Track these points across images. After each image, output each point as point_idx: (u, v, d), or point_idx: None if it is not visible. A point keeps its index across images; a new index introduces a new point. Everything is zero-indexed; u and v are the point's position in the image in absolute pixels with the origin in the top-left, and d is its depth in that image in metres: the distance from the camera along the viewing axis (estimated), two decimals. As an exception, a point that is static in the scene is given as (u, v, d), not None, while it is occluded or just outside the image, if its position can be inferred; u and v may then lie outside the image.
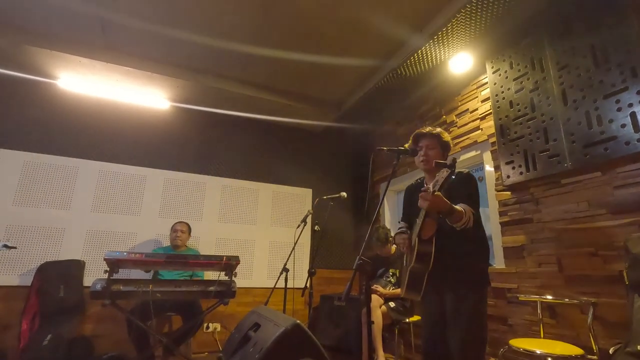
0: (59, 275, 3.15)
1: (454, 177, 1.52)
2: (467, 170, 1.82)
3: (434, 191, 1.49)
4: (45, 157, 3.46)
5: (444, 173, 1.49)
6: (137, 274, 3.20)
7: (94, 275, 3.29)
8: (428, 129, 1.87)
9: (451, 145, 1.92)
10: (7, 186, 3.27)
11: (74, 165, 3.55)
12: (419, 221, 1.68)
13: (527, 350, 1.92)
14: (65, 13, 2.81)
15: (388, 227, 3.57)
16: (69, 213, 3.43)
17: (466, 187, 1.72)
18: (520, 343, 2.02)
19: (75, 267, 3.27)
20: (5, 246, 2.21)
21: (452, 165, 1.52)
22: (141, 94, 3.80)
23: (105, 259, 2.37)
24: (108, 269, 2.38)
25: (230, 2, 2.68)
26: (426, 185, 1.81)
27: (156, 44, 3.19)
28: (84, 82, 3.56)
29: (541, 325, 2.25)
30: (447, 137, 1.88)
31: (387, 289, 3.07)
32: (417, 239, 1.66)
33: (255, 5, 2.71)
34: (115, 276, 2.40)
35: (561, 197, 2.34)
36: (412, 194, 1.98)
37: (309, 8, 2.71)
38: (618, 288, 1.95)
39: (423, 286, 1.64)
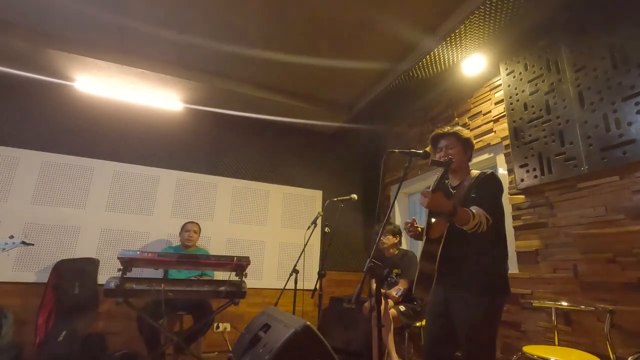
0: (74, 273, 3.22)
1: (448, 178, 1.53)
2: (490, 170, 1.73)
3: (432, 189, 1.49)
4: (62, 157, 3.55)
5: (438, 172, 1.50)
6: (147, 272, 3.24)
7: (107, 273, 3.34)
8: (447, 128, 1.83)
9: (473, 142, 1.84)
10: (26, 185, 3.36)
11: (89, 165, 3.63)
12: (427, 220, 1.67)
13: (541, 358, 1.88)
14: (83, 17, 2.88)
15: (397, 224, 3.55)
16: (84, 212, 3.51)
17: (483, 189, 1.64)
18: (534, 350, 1.98)
19: (89, 265, 3.34)
20: (24, 242, 2.26)
21: (447, 164, 1.60)
22: (155, 96, 3.86)
23: (119, 258, 2.42)
24: (121, 267, 2.42)
25: (242, 5, 2.70)
26: (451, 185, 1.80)
27: (170, 47, 3.24)
28: (100, 84, 3.64)
29: (556, 332, 2.20)
30: (466, 133, 1.81)
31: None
32: (425, 237, 1.66)
33: (267, 9, 2.73)
34: (127, 275, 2.45)
35: (577, 202, 2.29)
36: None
37: (320, 10, 2.72)
38: (637, 295, 1.90)
39: (432, 286, 1.62)
